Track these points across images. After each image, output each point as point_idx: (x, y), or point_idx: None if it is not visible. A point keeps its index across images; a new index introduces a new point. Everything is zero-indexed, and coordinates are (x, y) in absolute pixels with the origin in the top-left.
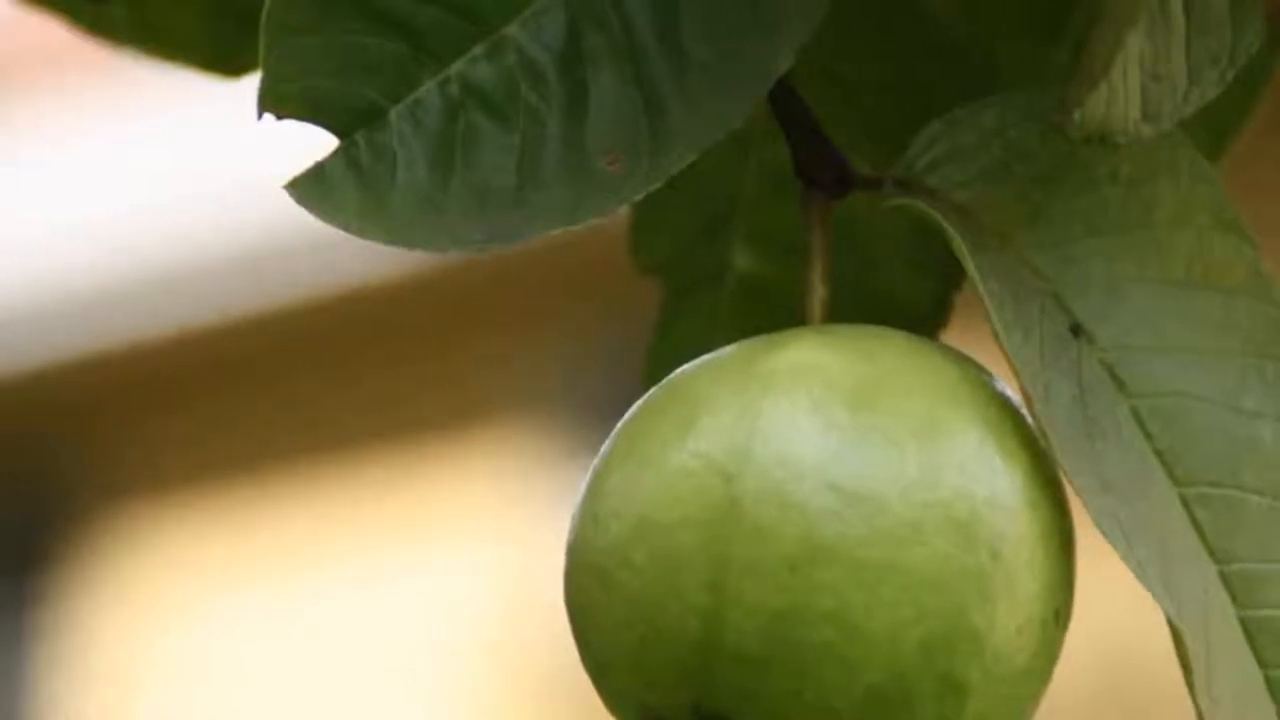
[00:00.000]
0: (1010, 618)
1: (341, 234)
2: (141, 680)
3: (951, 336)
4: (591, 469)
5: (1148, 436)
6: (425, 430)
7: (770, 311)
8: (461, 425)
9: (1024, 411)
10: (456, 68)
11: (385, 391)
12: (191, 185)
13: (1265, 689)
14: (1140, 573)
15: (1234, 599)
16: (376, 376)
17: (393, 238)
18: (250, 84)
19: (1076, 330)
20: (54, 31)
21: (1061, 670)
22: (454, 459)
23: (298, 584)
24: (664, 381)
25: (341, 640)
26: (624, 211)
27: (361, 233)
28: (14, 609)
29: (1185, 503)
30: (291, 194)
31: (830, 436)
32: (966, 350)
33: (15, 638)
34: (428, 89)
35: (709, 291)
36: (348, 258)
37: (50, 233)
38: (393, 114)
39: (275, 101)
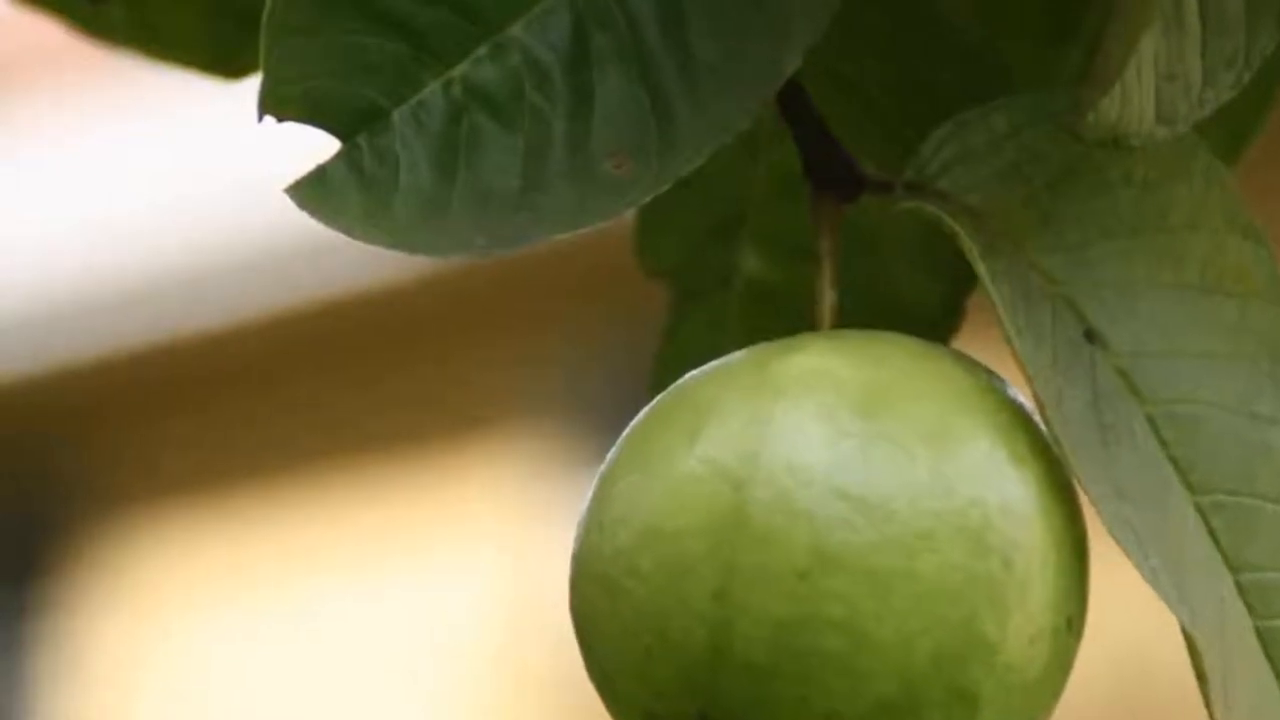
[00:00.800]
0: (1023, 627)
1: (342, 237)
2: (141, 685)
3: (962, 341)
4: (598, 475)
5: (1162, 443)
6: (428, 435)
7: (779, 316)
8: (464, 430)
9: (1036, 418)
10: (460, 69)
11: (387, 396)
12: (191, 187)
13: None
14: (1155, 581)
15: (1250, 608)
16: (378, 381)
17: (395, 241)
18: (251, 85)
19: (1090, 335)
20: (53, 31)
21: (1075, 679)
22: (457, 464)
23: (299, 589)
24: (672, 387)
25: (342, 646)
26: (629, 214)
27: (364, 236)
28: (13, 613)
29: (1200, 510)
30: (293, 197)
31: (840, 443)
32: (978, 355)
33: (14, 642)
34: (430, 90)
35: (717, 295)
36: (349, 261)
37: (50, 234)
38: (395, 116)
39: (276, 103)
